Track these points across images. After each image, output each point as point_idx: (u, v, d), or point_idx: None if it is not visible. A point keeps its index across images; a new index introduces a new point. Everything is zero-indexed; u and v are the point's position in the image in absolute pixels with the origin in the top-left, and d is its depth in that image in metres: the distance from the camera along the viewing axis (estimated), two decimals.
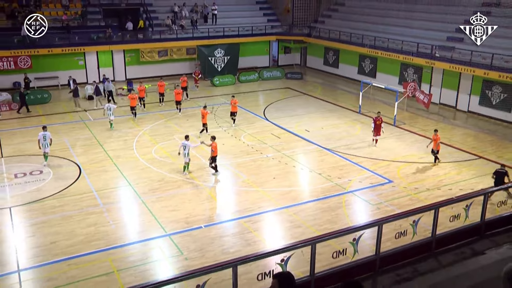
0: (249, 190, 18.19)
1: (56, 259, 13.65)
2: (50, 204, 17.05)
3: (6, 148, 22.80)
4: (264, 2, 45.65)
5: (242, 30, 40.34)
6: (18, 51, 33.12)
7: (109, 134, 24.90)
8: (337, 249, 9.23)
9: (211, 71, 38.70)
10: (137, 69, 37.78)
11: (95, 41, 35.89)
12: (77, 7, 38.04)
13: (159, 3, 40.84)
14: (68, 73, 33.81)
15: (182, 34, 38.79)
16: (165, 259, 13.82)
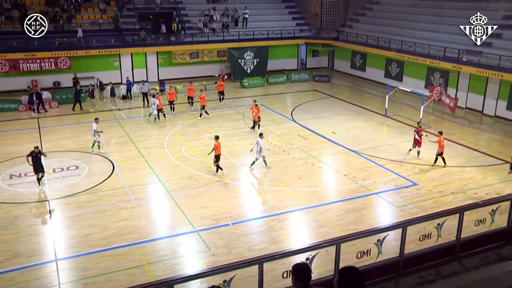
0: (276, 189, 18.59)
1: (90, 250, 14.30)
2: (85, 198, 17.81)
3: (45, 143, 23.84)
4: (294, 6, 46.04)
5: (271, 33, 40.87)
6: (59, 53, 34.58)
7: (141, 132, 25.69)
8: (361, 250, 9.42)
9: (241, 73, 39.30)
10: (169, 70, 38.70)
11: (130, 43, 37.04)
12: (113, 11, 39.24)
13: (191, 7, 41.73)
14: (104, 74, 34.93)
15: (213, 37, 39.56)
16: (193, 255, 14.29)
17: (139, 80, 36.65)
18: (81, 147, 23.34)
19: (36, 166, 18.30)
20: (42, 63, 34.34)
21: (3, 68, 33.57)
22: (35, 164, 18.25)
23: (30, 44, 34.01)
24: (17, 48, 33.84)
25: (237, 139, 24.57)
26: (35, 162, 18.22)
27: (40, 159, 18.35)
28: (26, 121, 28.35)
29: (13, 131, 26.36)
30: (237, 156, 22.08)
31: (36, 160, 18.24)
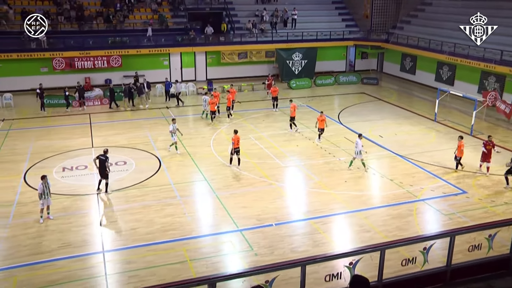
0: (321, 191, 18.46)
1: (136, 244, 14.67)
2: (132, 193, 18.28)
3: (96, 139, 24.69)
4: (343, 7, 45.58)
5: (320, 34, 40.61)
6: (111, 51, 35.72)
7: (188, 131, 26.11)
8: (406, 257, 9.22)
9: (289, 74, 39.27)
10: (217, 70, 39.17)
11: (180, 43, 37.72)
12: (165, 11, 40.11)
13: (241, 8, 42.07)
14: (154, 72, 35.77)
15: (262, 37, 39.71)
16: (236, 253, 14.39)
17: (187, 79, 37.39)
18: (130, 143, 23.98)
19: (100, 171, 18.00)
20: (95, 61, 35.59)
21: (60, 65, 35.01)
22: (100, 169, 17.95)
23: (85, 43, 35.37)
24: (73, 47, 35.24)
25: (282, 140, 24.56)
26: (100, 166, 17.90)
27: (105, 164, 17.90)
28: (79, 117, 29.41)
29: (67, 126, 27.42)
30: (282, 157, 22.07)
31: (101, 164, 17.90)
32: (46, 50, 34.68)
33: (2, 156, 22.32)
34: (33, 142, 24.26)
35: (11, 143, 24.16)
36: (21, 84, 34.62)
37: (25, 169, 20.55)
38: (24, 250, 14.26)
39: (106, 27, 37.50)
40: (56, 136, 25.33)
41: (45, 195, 15.85)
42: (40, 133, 26.01)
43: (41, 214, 15.95)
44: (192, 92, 35.71)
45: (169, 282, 10.59)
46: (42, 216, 15.96)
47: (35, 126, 27.47)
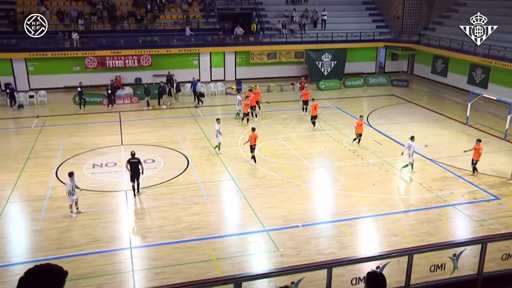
0: (348, 194, 18.31)
1: (163, 241, 14.83)
2: (159, 191, 18.48)
3: (125, 136, 25.06)
4: (374, 8, 45.09)
5: (350, 36, 40.22)
6: (142, 51, 36.27)
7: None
8: (435, 263, 9.04)
9: (318, 75, 39.08)
10: (246, 70, 39.25)
11: (209, 42, 37.97)
12: (195, 11, 40.46)
13: (271, 8, 42.08)
14: (183, 72, 36.09)
15: (291, 38, 39.62)
16: (262, 254, 14.40)
17: (216, 79, 37.65)
18: (158, 141, 24.26)
19: (133, 174, 17.76)
20: (126, 60, 36.12)
21: (92, 64, 35.68)
22: (132, 172, 17.71)
23: (117, 42, 35.99)
24: (105, 46, 35.87)
25: (310, 141, 24.47)
26: (132, 169, 17.68)
27: (137, 166, 17.69)
28: (110, 114, 29.94)
29: (97, 123, 27.92)
30: (310, 158, 21.98)
31: (134, 167, 17.71)
32: (79, 49, 35.42)
33: (36, 151, 22.88)
34: (65, 138, 24.81)
35: (44, 139, 24.76)
36: (55, 82, 35.49)
37: (57, 165, 21.03)
38: (55, 244, 14.61)
39: (137, 27, 38.08)
40: (87, 133, 25.83)
41: (73, 191, 16.17)
42: (72, 130, 26.58)
43: (71, 210, 16.29)
44: (221, 92, 35.90)
45: (195, 280, 10.64)
46: (72, 211, 16.29)
47: (67, 123, 28.08)
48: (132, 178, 17.77)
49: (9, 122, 29.17)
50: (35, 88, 34.19)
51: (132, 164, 17.59)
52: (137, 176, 17.72)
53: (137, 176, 17.73)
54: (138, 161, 17.70)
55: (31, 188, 18.75)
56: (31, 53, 34.68)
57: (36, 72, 35.49)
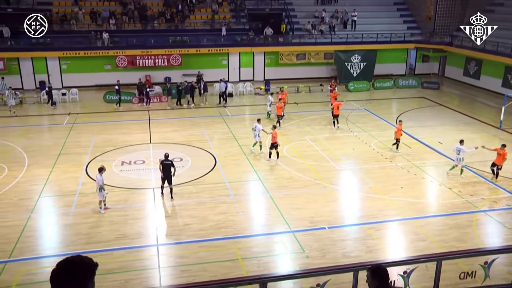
0: (375, 197, 18.10)
1: (189, 239, 14.95)
2: (187, 189, 18.62)
3: (154, 135, 25.38)
4: (405, 9, 44.44)
5: (380, 37, 39.82)
6: (171, 50, 36.67)
7: (244, 130, 26.31)
8: (464, 270, 8.85)
9: (347, 76, 38.78)
10: (275, 70, 39.26)
11: (239, 43, 38.12)
12: (225, 11, 40.68)
13: (301, 9, 41.96)
14: (212, 72, 36.27)
15: (321, 38, 39.44)
16: (287, 254, 14.36)
17: (245, 79, 37.76)
18: (186, 140, 24.46)
19: (165, 176, 17.53)
20: (156, 60, 36.60)
21: (122, 63, 36.27)
22: (164, 174, 17.47)
23: (147, 42, 36.50)
24: (135, 45, 36.46)
25: (338, 142, 24.29)
26: (164, 171, 17.46)
27: (169, 169, 17.43)
28: (139, 113, 30.37)
29: (127, 121, 28.37)
30: (338, 160, 21.83)
31: (166, 169, 17.47)
32: (110, 48, 36.07)
33: (67, 148, 23.37)
34: (95, 135, 25.26)
35: (75, 136, 25.27)
36: (86, 80, 36.24)
37: (87, 162, 21.43)
38: (84, 238, 14.90)
39: (167, 26, 38.54)
40: (116, 131, 26.25)
41: (103, 187, 16.46)
42: (102, 127, 27.05)
43: (100, 205, 16.59)
44: (250, 92, 35.98)
45: (221, 279, 10.70)
46: (101, 207, 16.60)
47: (98, 120, 28.60)
48: (163, 179, 17.56)
49: (43, 118, 29.87)
50: (67, 86, 34.98)
51: (165, 165, 17.36)
52: (168, 178, 17.47)
53: (169, 178, 17.47)
54: (171, 163, 17.44)
55: (62, 183, 19.17)
56: (65, 52, 35.53)
57: (69, 70, 36.31)
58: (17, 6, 37.40)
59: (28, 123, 28.12)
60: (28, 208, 16.91)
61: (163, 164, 17.41)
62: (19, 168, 20.68)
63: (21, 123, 27.91)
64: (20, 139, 24.74)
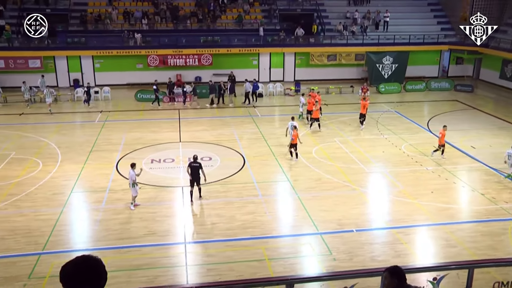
0: (405, 201, 17.83)
1: (216, 238, 15.03)
2: (215, 188, 18.72)
3: (184, 134, 25.63)
4: (440, 9, 43.60)
5: (413, 38, 39.16)
6: (202, 50, 36.98)
7: (273, 131, 26.31)
8: (498, 280, 8.60)
9: (378, 78, 38.34)
10: (305, 71, 39.11)
11: (270, 43, 38.14)
12: (256, 12, 40.76)
13: (332, 9, 41.66)
14: (243, 72, 36.35)
15: (352, 40, 39.10)
16: (314, 256, 14.29)
17: (275, 79, 37.76)
18: (216, 139, 24.61)
19: (193, 178, 17.25)
20: (187, 59, 36.98)
21: (154, 62, 36.77)
22: (192, 176, 17.20)
23: (179, 41, 36.90)
24: (167, 45, 36.91)
25: (368, 145, 24.02)
26: (192, 173, 17.17)
27: (198, 171, 17.14)
28: (169, 112, 30.71)
29: (157, 120, 28.74)
30: (367, 162, 21.59)
31: (194, 171, 17.19)
32: (142, 47, 36.60)
33: (99, 145, 23.82)
34: (126, 133, 25.66)
35: (107, 133, 25.73)
36: (118, 79, 36.86)
37: (118, 159, 21.78)
38: (114, 234, 15.15)
39: (198, 26, 38.86)
40: (146, 129, 26.60)
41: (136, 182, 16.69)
42: (132, 125, 27.46)
43: (132, 201, 16.86)
44: (280, 92, 35.94)
45: (247, 279, 10.75)
46: (132, 203, 16.87)
47: (129, 118, 29.07)
48: (192, 182, 17.23)
49: (76, 116, 30.53)
50: (100, 84, 35.64)
51: (193, 168, 17.07)
52: (197, 180, 17.20)
53: (197, 180, 17.21)
54: (199, 165, 17.13)
55: (93, 179, 19.55)
56: (98, 51, 36.25)
57: (101, 69, 37.03)
58: (54, 6, 38.42)
59: (62, 120, 28.76)
60: (61, 202, 17.31)
61: (191, 167, 17.15)
62: (52, 163, 21.19)
63: (55, 120, 28.57)
64: (54, 135, 25.35)
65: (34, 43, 36.16)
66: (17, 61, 35.53)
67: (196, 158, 17.51)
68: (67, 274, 3.43)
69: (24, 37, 36.52)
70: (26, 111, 30.42)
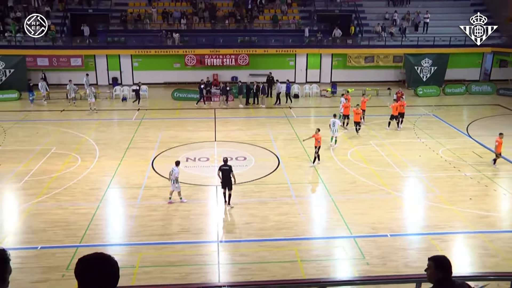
0: (441, 206, 17.42)
1: (249, 238, 15.05)
2: (249, 188, 18.77)
3: (219, 133, 25.81)
4: (484, 10, 42.31)
5: (453, 40, 38.16)
6: (239, 50, 37.17)
7: (309, 132, 26.09)
8: None
9: (416, 80, 37.65)
10: (342, 73, 38.82)
11: (307, 44, 38.00)
12: (294, 12, 40.68)
13: (371, 10, 41.18)
14: (279, 72, 36.33)
15: (390, 41, 38.52)
16: (347, 260, 14.13)
17: (311, 81, 37.61)
18: (251, 139, 24.66)
19: (224, 181, 16.92)
20: (224, 59, 37.30)
21: (191, 62, 37.22)
22: (223, 179, 16.86)
23: (216, 41, 37.22)
24: (204, 45, 37.31)
25: (404, 148, 23.60)
26: (223, 177, 16.85)
27: (229, 174, 16.77)
28: (205, 111, 31.02)
29: (193, 119, 29.05)
30: (403, 166, 21.22)
31: (225, 174, 16.84)
32: (180, 47, 37.08)
33: (136, 142, 24.25)
34: (162, 131, 26.04)
35: (143, 131, 26.17)
36: (156, 78, 37.51)
37: (153, 156, 22.12)
38: (149, 230, 15.38)
39: (236, 26, 39.09)
40: (182, 127, 26.93)
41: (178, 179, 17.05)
42: (168, 123, 27.86)
43: (180, 196, 17.29)
44: (316, 94, 35.76)
45: (280, 280, 10.74)
46: (181, 197, 17.33)
47: (165, 117, 29.50)
48: (223, 185, 16.94)
49: (114, 113, 31.20)
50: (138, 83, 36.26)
51: (224, 171, 16.74)
52: (228, 184, 16.78)
53: (228, 184, 16.78)
54: (229, 168, 16.77)
55: (129, 176, 19.92)
56: (137, 50, 36.93)
57: (140, 68, 37.75)
58: (96, 7, 39.45)
59: (100, 117, 29.44)
60: (98, 197, 17.71)
61: (221, 170, 16.81)
62: (90, 159, 21.71)
63: (94, 117, 29.27)
64: (92, 132, 25.98)
65: (77, 42, 37.24)
66: (60, 59, 36.61)
67: (226, 160, 17.14)
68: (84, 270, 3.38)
69: (67, 37, 37.68)
70: (68, 107, 31.27)
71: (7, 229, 15.56)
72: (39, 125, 27.35)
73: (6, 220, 16.18)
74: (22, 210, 16.81)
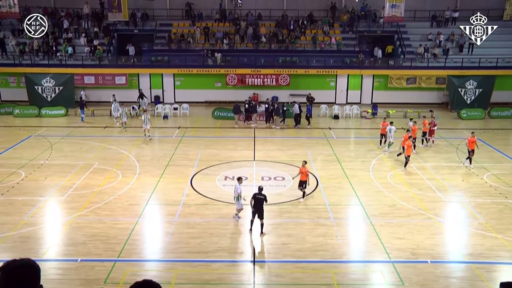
0: (487, 234, 16.76)
1: (285, 259, 14.89)
2: (286, 209, 18.65)
3: (258, 152, 25.87)
4: None
5: (501, 61, 37.15)
6: (280, 70, 37.40)
7: (348, 153, 25.94)
8: None
9: (460, 103, 36.73)
10: (383, 94, 38.38)
11: (348, 64, 37.87)
12: (336, 33, 40.69)
13: (414, 31, 40.73)
14: (319, 93, 36.34)
15: (433, 62, 37.88)
16: (385, 285, 13.77)
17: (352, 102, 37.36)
18: (289, 159, 24.57)
19: (255, 210, 16.17)
20: (265, 79, 37.59)
21: (232, 81, 37.69)
22: (255, 207, 16.15)
23: (257, 61, 37.60)
24: (245, 64, 37.74)
25: (447, 172, 22.98)
26: (256, 205, 16.14)
27: (262, 203, 16.08)
28: (245, 130, 31.23)
29: (233, 138, 29.26)
30: (444, 190, 20.63)
31: (258, 203, 16.13)
32: (221, 66, 37.66)
33: (175, 159, 24.59)
34: (202, 149, 26.32)
35: (183, 149, 26.54)
36: (197, 97, 38.15)
37: (193, 174, 22.34)
38: (185, 247, 15.46)
39: (277, 47, 39.43)
40: (222, 146, 27.14)
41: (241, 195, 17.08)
42: (208, 142, 28.15)
43: (237, 213, 17.37)
44: (356, 115, 35.44)
45: None
46: (236, 214, 17.41)
47: (205, 135, 29.84)
48: (254, 213, 16.25)
49: (155, 131, 31.77)
50: (179, 101, 37.01)
51: (257, 199, 16.06)
52: (260, 214, 16.12)
53: (260, 214, 16.13)
54: (264, 198, 16.11)
55: (168, 193, 20.16)
56: (180, 69, 37.73)
57: (181, 86, 38.52)
58: (142, 27, 40.71)
59: (142, 134, 30.04)
60: (137, 213, 17.99)
61: (255, 198, 16.08)
62: (131, 175, 22.14)
63: (135, 134, 29.91)
64: (133, 148, 26.54)
65: (122, 60, 38.44)
66: (105, 78, 37.83)
67: (262, 189, 16.45)
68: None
69: (113, 56, 38.96)
70: (110, 124, 32.14)
71: (50, 241, 16.01)
72: (83, 140, 28.19)
73: (49, 232, 16.67)
74: (64, 222, 17.27)
